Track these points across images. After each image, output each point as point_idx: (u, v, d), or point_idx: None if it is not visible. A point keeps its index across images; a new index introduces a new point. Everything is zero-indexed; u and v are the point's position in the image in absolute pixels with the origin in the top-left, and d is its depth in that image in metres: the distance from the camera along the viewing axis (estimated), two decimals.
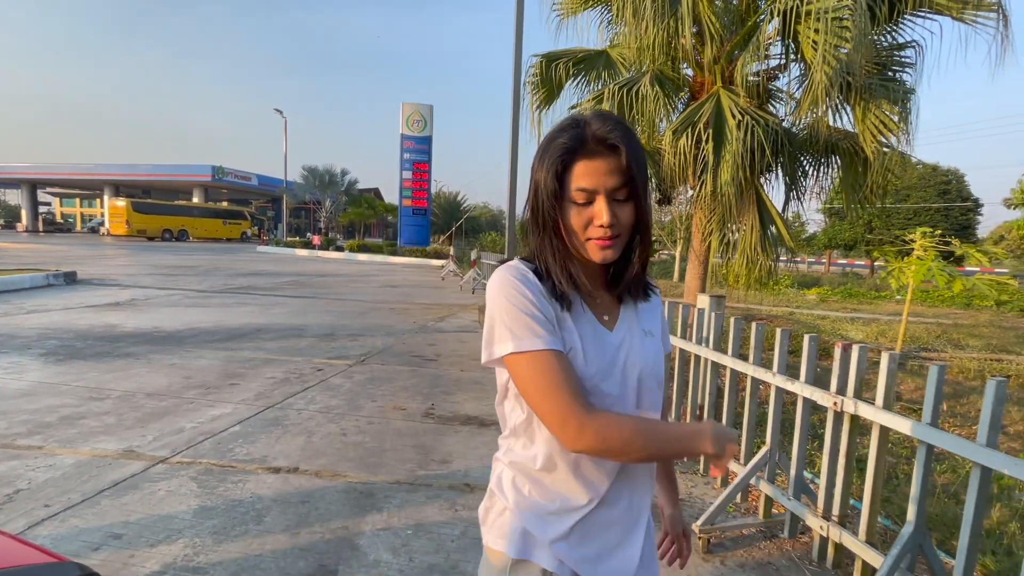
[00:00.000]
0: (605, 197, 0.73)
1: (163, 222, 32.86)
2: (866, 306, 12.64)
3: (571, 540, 0.82)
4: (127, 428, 3.26)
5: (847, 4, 3.45)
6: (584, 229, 0.75)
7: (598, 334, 0.80)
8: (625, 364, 0.81)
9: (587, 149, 0.73)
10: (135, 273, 12.50)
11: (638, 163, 0.74)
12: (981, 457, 1.42)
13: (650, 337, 0.86)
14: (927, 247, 4.18)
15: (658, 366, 0.85)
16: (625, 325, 0.84)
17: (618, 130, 0.73)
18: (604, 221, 0.72)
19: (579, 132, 0.74)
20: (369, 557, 2.11)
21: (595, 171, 0.72)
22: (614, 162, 0.72)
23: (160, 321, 6.70)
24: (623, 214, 0.74)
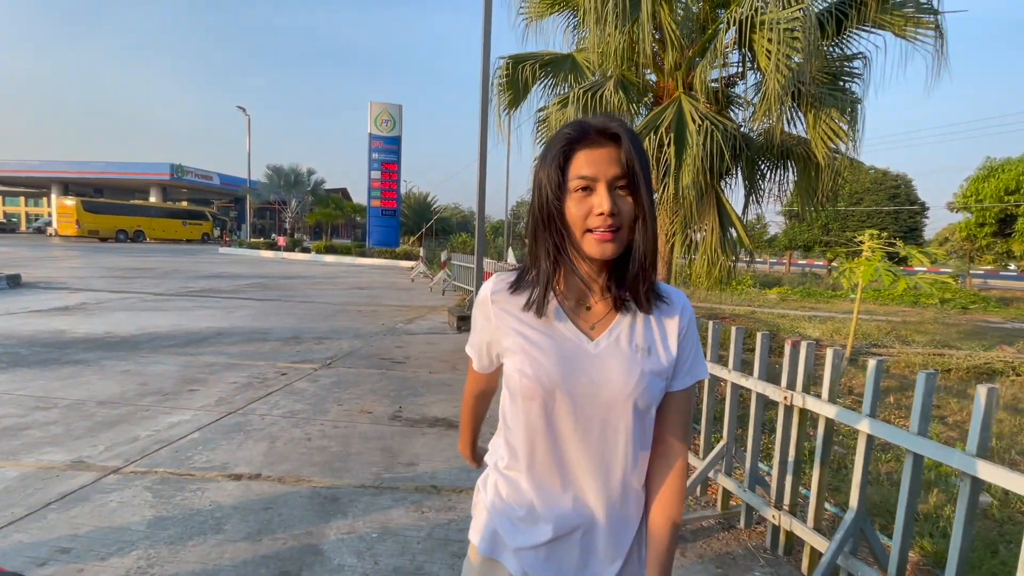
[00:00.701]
0: (606, 185, 0.72)
1: (117, 222, 31.40)
2: (823, 305, 13.19)
3: (540, 554, 0.82)
4: (76, 438, 3.12)
5: (798, 17, 3.62)
6: (584, 220, 0.73)
7: (569, 342, 0.78)
8: (594, 378, 0.77)
9: (589, 139, 0.74)
10: (86, 276, 11.92)
11: (640, 156, 0.73)
12: (913, 445, 1.52)
13: (641, 353, 0.78)
14: (874, 248, 4.42)
15: (641, 386, 0.77)
16: (612, 337, 0.79)
17: (619, 123, 0.74)
18: (605, 208, 0.71)
19: (582, 125, 0.75)
20: (333, 562, 2.09)
21: (596, 159, 0.73)
22: (615, 152, 0.73)
23: (113, 326, 6.42)
24: (624, 206, 0.73)
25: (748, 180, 5.25)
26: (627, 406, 0.77)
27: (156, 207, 35.43)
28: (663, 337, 0.80)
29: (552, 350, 0.78)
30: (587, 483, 0.80)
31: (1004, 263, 21.89)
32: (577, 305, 0.80)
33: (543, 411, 0.78)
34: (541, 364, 0.77)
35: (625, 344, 0.78)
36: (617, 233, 0.73)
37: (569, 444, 0.80)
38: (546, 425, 0.79)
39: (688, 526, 2.43)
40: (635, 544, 0.83)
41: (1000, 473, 1.32)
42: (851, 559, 1.74)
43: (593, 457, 0.79)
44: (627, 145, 0.73)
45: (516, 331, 0.80)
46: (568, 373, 0.77)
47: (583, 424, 0.78)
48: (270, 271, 15.93)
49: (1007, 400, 4.89)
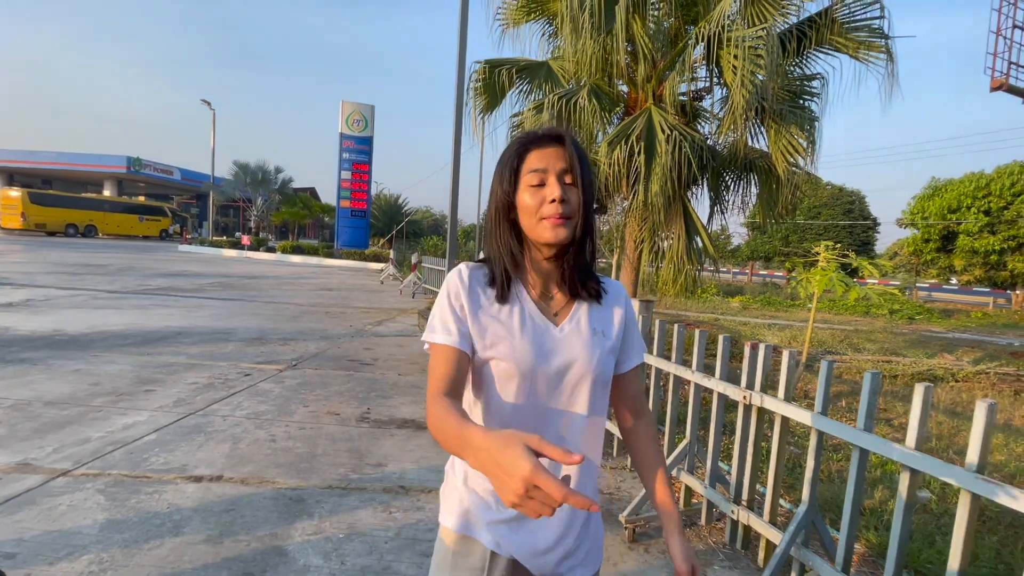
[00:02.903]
0: (555, 176, 0.83)
1: (67, 216, 29.77)
2: (783, 313, 13.72)
3: (511, 526, 0.88)
4: (21, 439, 2.96)
5: (762, 36, 3.80)
6: (538, 208, 0.83)
7: (539, 327, 0.87)
8: (564, 358, 0.87)
9: (539, 141, 0.86)
10: (31, 271, 11.29)
11: (581, 156, 0.85)
12: (859, 440, 1.62)
13: (599, 336, 0.89)
14: (829, 259, 4.65)
15: (602, 364, 0.89)
16: (573, 322, 0.89)
17: (564, 129, 0.88)
18: (556, 195, 0.82)
19: (532, 132, 0.88)
20: (299, 563, 2.05)
21: (545, 156, 0.84)
22: (561, 150, 0.85)
23: (61, 323, 6.11)
24: (572, 196, 0.84)
25: (713, 191, 5.43)
26: (588, 380, 0.88)
27: (110, 201, 33.78)
28: (611, 321, 0.93)
29: (526, 335, 0.86)
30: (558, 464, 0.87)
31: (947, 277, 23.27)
32: (541, 296, 0.90)
33: (518, 390, 0.86)
34: (518, 347, 0.85)
35: (585, 327, 0.89)
36: (568, 220, 0.83)
37: (538, 419, 0.87)
38: (522, 403, 0.86)
39: (652, 523, 2.50)
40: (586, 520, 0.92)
41: (937, 465, 1.42)
42: (803, 550, 1.84)
43: (558, 429, 0.88)
44: (570, 145, 0.85)
45: (493, 318, 0.87)
46: (541, 354, 0.86)
47: (555, 400, 0.87)
48: (233, 270, 15.44)
49: (946, 404, 5.21)
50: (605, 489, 2.88)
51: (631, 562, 2.23)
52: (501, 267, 0.88)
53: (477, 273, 0.91)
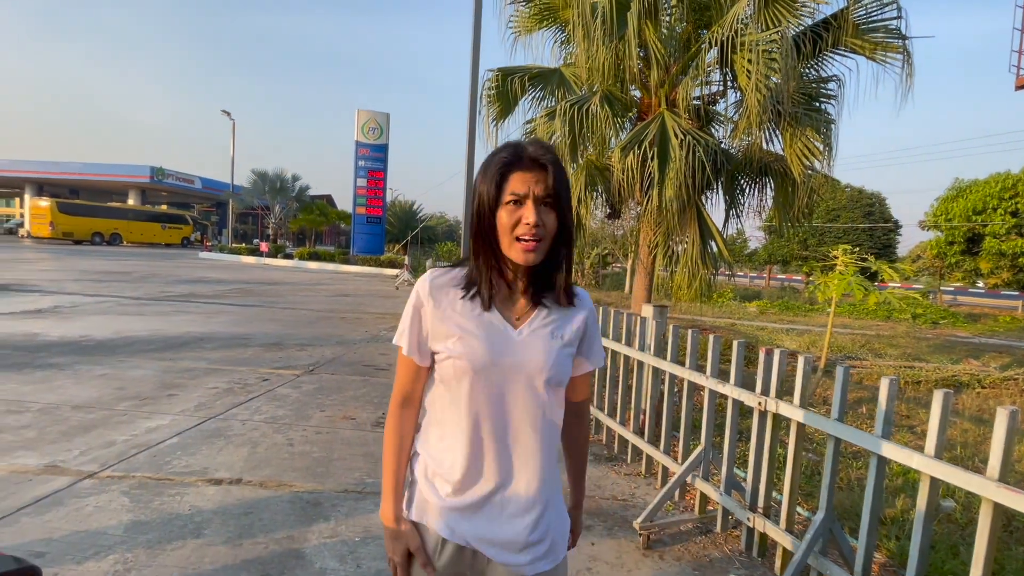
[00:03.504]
0: (533, 202, 0.87)
1: (93, 224, 30.63)
2: (801, 318, 13.49)
3: (464, 514, 0.93)
4: (50, 442, 3.06)
5: (775, 39, 3.77)
6: (513, 228, 0.87)
7: (496, 329, 0.93)
8: (517, 359, 0.92)
9: (523, 164, 0.88)
10: (60, 279, 11.63)
11: (563, 183, 0.90)
12: (877, 447, 1.60)
13: (556, 340, 0.95)
14: (848, 263, 4.57)
15: (557, 367, 0.94)
16: (532, 327, 0.94)
17: (549, 154, 0.89)
18: (531, 220, 0.86)
19: (517, 150, 0.90)
20: (315, 566, 2.09)
21: (527, 180, 0.87)
22: (543, 176, 0.88)
23: (88, 329, 6.28)
24: (548, 220, 0.88)
25: (728, 195, 5.39)
26: (541, 381, 0.92)
27: (134, 209, 34.69)
28: (569, 328, 0.98)
29: (483, 336, 0.92)
30: (504, 448, 0.93)
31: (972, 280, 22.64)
32: (505, 300, 0.95)
33: (472, 387, 0.92)
34: (473, 347, 0.91)
35: (542, 332, 0.94)
36: (539, 243, 0.88)
37: (496, 415, 0.93)
38: (477, 399, 0.92)
39: (666, 530, 2.49)
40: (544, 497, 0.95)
41: (954, 472, 1.40)
42: (821, 559, 1.81)
43: (511, 426, 0.93)
44: (553, 172, 0.88)
45: (452, 320, 0.93)
46: (497, 355, 0.91)
47: (508, 398, 0.93)
48: (252, 277, 15.71)
49: (972, 411, 5.08)
50: (619, 496, 2.87)
51: (646, 569, 2.22)
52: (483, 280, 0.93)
53: (442, 278, 0.97)
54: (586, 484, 1.12)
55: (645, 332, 3.08)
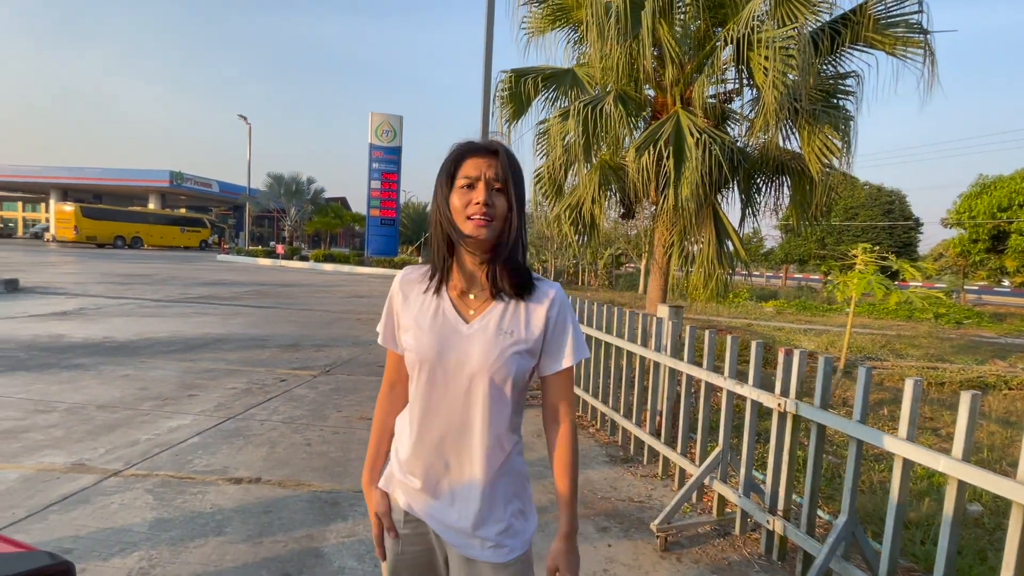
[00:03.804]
0: (484, 183, 0.91)
1: (115, 228, 31.38)
2: (819, 318, 13.27)
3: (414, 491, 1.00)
4: (76, 441, 3.14)
5: (792, 35, 3.72)
6: (465, 208, 0.92)
7: (448, 323, 0.96)
8: (461, 353, 0.94)
9: (475, 151, 0.94)
10: (84, 281, 11.92)
11: (514, 170, 0.94)
12: (901, 449, 1.57)
13: (504, 336, 0.94)
14: (867, 262, 4.48)
15: (500, 363, 0.93)
16: (484, 321, 0.95)
17: (501, 144, 0.94)
18: (481, 198, 0.90)
19: (471, 142, 0.96)
20: (334, 564, 2.11)
21: (479, 164, 0.92)
22: (494, 161, 0.93)
23: (112, 331, 6.43)
24: (499, 202, 0.92)
25: (744, 194, 5.33)
26: (484, 378, 0.94)
27: (154, 213, 35.43)
28: (527, 323, 0.97)
29: (432, 330, 0.96)
30: (452, 441, 0.97)
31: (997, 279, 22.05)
32: (462, 294, 0.98)
33: (423, 379, 0.97)
34: (422, 341, 0.96)
35: (492, 327, 0.95)
36: (491, 221, 0.91)
37: (440, 407, 0.97)
38: (425, 391, 0.97)
39: (684, 532, 2.46)
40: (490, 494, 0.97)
41: (982, 475, 1.36)
42: (844, 563, 1.78)
43: (457, 419, 0.96)
44: (503, 156, 0.93)
45: (411, 313, 1.00)
46: (442, 349, 0.95)
47: (452, 391, 0.96)
48: (268, 279, 15.94)
49: (999, 413, 4.95)
50: (636, 497, 2.85)
51: (663, 571, 2.20)
52: (438, 272, 0.98)
53: (413, 274, 1.03)
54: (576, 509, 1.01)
55: (661, 333, 3.06)
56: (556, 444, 1.02)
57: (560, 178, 5.36)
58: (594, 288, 21.07)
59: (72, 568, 0.73)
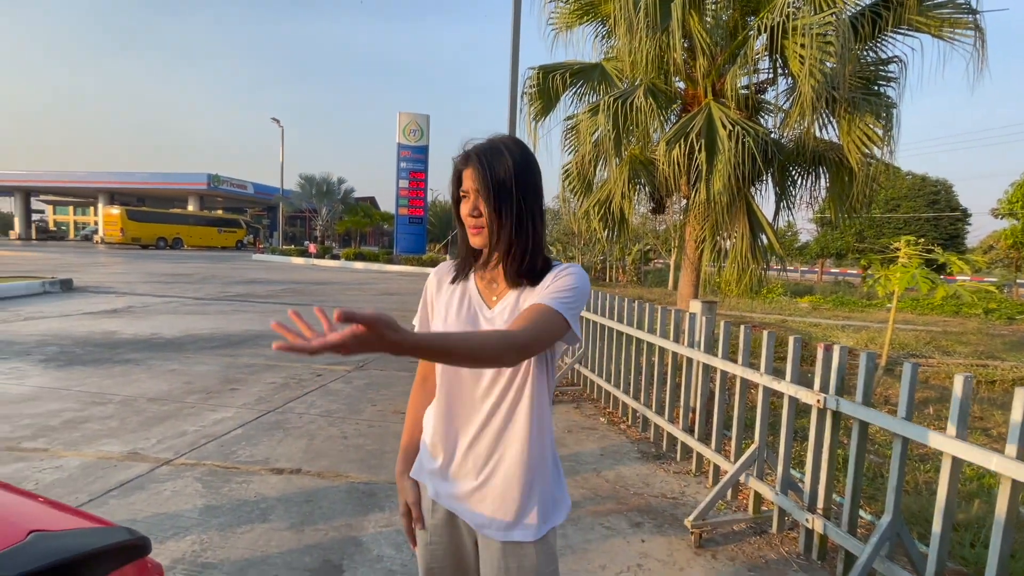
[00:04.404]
0: (474, 195, 0.98)
1: (158, 230, 32.76)
2: (857, 314, 12.81)
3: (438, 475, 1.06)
4: (130, 431, 3.31)
5: (831, 21, 3.60)
6: (465, 218, 1.00)
7: (472, 308, 1.04)
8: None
9: (467, 163, 0.99)
10: (131, 281, 12.50)
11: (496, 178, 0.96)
12: (950, 448, 1.52)
13: None
14: (911, 255, 4.31)
15: None
16: (505, 304, 1.02)
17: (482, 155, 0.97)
18: (466, 210, 0.99)
19: (464, 152, 1.01)
20: (373, 552, 2.18)
21: (469, 176, 0.98)
22: (470, 171, 0.98)
23: (158, 328, 6.74)
24: (485, 211, 0.97)
25: (779, 186, 5.19)
26: None
27: (193, 215, 36.82)
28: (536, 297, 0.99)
29: (458, 314, 1.04)
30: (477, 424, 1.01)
31: None
32: (488, 283, 1.06)
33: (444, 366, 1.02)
34: (448, 324, 1.04)
35: (510, 310, 1.01)
36: (481, 229, 0.97)
37: (464, 390, 1.02)
38: (451, 374, 1.03)
39: (719, 529, 2.44)
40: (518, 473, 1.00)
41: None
42: (887, 563, 1.73)
43: (481, 401, 1.01)
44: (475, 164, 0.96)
45: (443, 300, 1.08)
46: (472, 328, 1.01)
47: (475, 374, 1.01)
48: (302, 277, 16.37)
49: None
50: (669, 494, 2.84)
51: (698, 568, 2.19)
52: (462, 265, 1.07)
53: (444, 267, 1.13)
54: (414, 341, 0.76)
55: (694, 328, 3.03)
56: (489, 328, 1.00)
57: (589, 173, 5.33)
58: (622, 284, 20.86)
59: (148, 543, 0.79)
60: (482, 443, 1.01)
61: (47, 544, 0.68)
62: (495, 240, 0.97)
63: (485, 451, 1.01)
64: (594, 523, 2.50)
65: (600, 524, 2.49)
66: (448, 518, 1.06)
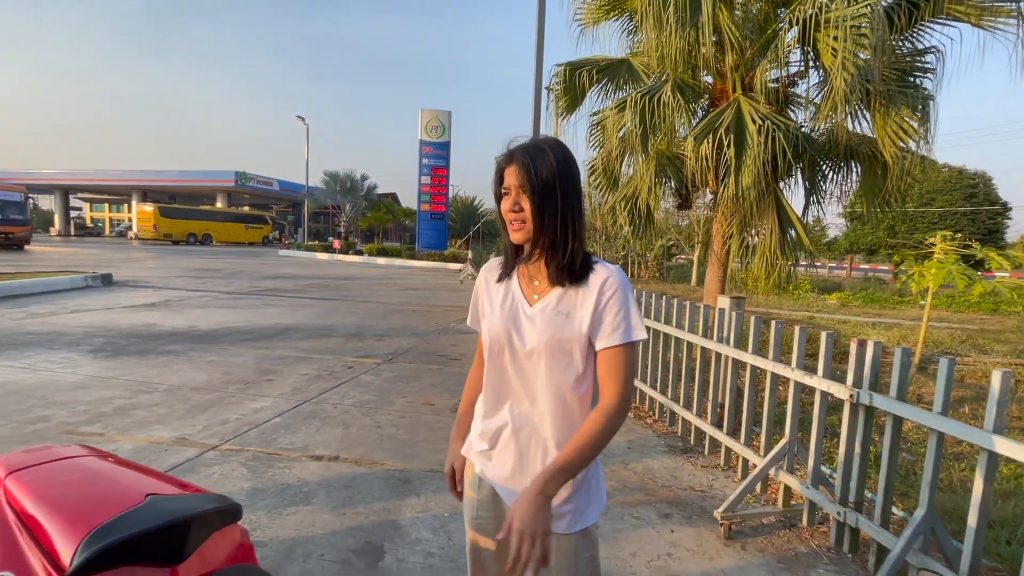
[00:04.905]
0: (516, 191, 1.03)
1: (188, 226, 33.76)
2: (888, 311, 12.49)
3: (485, 457, 1.14)
4: (177, 418, 3.49)
5: (865, 13, 3.55)
6: (506, 214, 1.05)
7: (515, 305, 1.10)
8: (524, 332, 1.07)
9: (510, 161, 1.05)
10: (165, 275, 12.95)
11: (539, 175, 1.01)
12: (987, 442, 1.52)
13: (561, 316, 1.05)
14: (947, 250, 4.21)
15: (556, 340, 1.04)
16: (544, 303, 1.07)
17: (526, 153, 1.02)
18: (507, 206, 1.04)
19: (508, 152, 1.06)
20: (411, 535, 2.27)
21: (512, 174, 1.03)
22: (513, 168, 1.03)
23: (194, 321, 7.00)
24: (527, 206, 1.02)
25: (809, 181, 5.12)
26: (544, 353, 1.05)
27: (222, 212, 37.79)
28: (582, 303, 1.05)
29: (501, 311, 1.11)
30: (519, 411, 1.09)
31: None
32: (530, 281, 1.11)
33: (494, 353, 1.11)
34: (493, 320, 1.11)
35: (551, 309, 1.06)
36: (523, 224, 1.03)
37: (507, 379, 1.10)
38: (495, 363, 1.11)
39: (748, 522, 2.47)
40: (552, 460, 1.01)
41: None
42: (921, 556, 1.75)
43: (522, 390, 1.09)
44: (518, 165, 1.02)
45: (489, 296, 1.16)
46: (508, 328, 1.09)
47: (517, 364, 1.08)
48: (327, 272, 16.71)
49: None
50: (697, 487, 2.87)
51: (728, 558, 2.22)
52: (506, 264, 1.15)
53: (493, 264, 1.19)
54: (560, 476, 0.94)
55: (723, 324, 3.04)
56: (588, 421, 1.00)
57: (615, 169, 5.34)
58: (644, 280, 20.71)
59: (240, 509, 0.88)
60: (529, 427, 1.08)
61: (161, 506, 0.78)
62: (537, 235, 1.02)
63: (526, 444, 1.08)
64: (623, 513, 2.55)
65: (629, 514, 2.55)
66: (493, 495, 1.13)
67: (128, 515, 0.74)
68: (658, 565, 2.16)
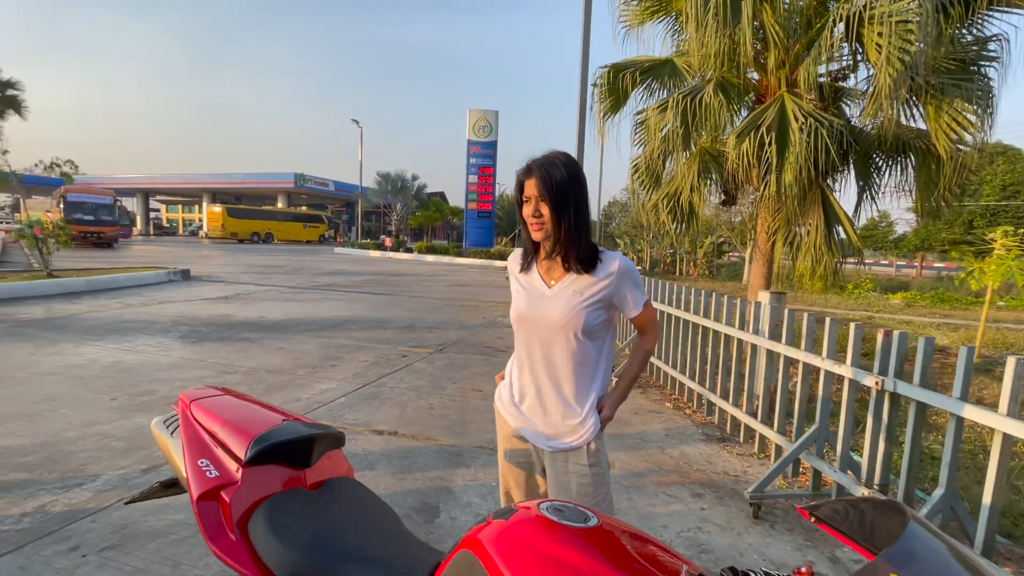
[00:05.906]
0: (535, 199, 1.28)
1: (252, 226, 35.99)
2: (959, 312, 11.76)
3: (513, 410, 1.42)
4: (258, 395, 3.94)
5: (912, 7, 3.52)
6: (528, 219, 1.30)
7: (536, 288, 1.37)
8: (544, 311, 1.33)
9: (529, 174, 1.29)
10: (234, 271, 14.01)
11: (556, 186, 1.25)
12: (1002, 425, 1.62)
13: (576, 296, 1.30)
14: (1009, 246, 4.06)
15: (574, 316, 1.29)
16: (561, 286, 1.33)
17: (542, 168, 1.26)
18: (528, 212, 1.29)
19: (527, 166, 1.30)
20: (462, 499, 2.56)
21: (531, 185, 1.28)
22: (532, 180, 1.28)
23: (263, 312, 7.64)
24: (545, 211, 1.28)
25: (861, 176, 5.04)
26: (564, 330, 1.31)
27: (282, 212, 40.01)
28: (593, 286, 1.31)
29: (525, 293, 1.39)
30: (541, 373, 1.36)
31: None
32: (548, 269, 1.37)
33: (521, 329, 1.40)
34: (518, 302, 1.40)
35: (568, 291, 1.32)
36: (542, 226, 1.27)
37: (533, 351, 1.37)
38: (523, 338, 1.40)
39: (778, 504, 2.59)
40: (574, 401, 1.35)
41: None
42: None
43: (546, 359, 1.35)
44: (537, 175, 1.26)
45: (515, 283, 1.43)
46: (531, 308, 1.37)
47: (540, 339, 1.36)
48: (379, 269, 17.48)
49: None
50: (731, 472, 3.00)
51: (755, 535, 2.37)
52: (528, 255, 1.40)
53: (516, 255, 1.46)
54: (631, 384, 1.42)
55: (759, 316, 3.15)
56: (639, 340, 1.47)
57: (658, 168, 5.45)
58: (693, 278, 20.32)
59: (344, 437, 1.17)
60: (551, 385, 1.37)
61: (293, 428, 1.07)
62: (556, 234, 1.28)
63: (547, 395, 1.37)
64: (657, 491, 2.74)
65: (663, 492, 2.73)
66: (523, 444, 1.43)
67: (275, 430, 1.04)
68: (688, 536, 2.34)
